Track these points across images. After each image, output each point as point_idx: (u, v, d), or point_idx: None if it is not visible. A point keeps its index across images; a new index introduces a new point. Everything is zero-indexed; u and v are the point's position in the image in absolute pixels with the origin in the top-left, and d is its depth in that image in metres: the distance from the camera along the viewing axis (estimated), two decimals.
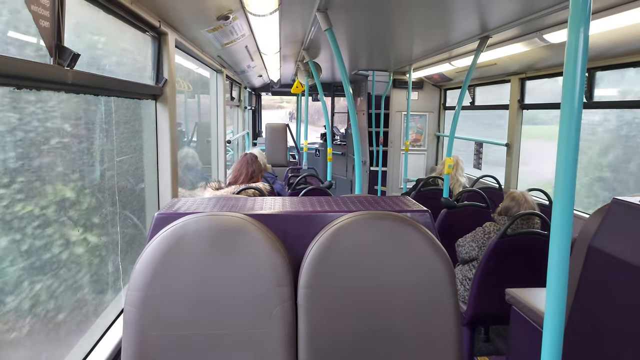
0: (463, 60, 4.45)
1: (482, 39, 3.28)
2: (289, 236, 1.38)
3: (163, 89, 2.29)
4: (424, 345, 1.28)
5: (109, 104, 1.89)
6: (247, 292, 1.22)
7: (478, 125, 5.84)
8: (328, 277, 1.26)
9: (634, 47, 2.82)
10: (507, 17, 2.74)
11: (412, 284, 1.28)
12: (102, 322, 1.80)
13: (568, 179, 0.92)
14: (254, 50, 3.94)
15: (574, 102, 0.90)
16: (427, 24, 3.15)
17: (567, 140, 0.91)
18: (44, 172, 1.44)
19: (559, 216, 0.93)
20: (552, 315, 0.96)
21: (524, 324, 2.00)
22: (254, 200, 1.56)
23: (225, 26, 2.56)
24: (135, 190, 2.26)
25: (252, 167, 3.25)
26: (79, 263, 1.65)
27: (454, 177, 4.51)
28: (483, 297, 2.71)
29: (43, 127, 1.42)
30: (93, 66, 1.71)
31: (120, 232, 2.02)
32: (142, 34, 2.10)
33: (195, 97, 5.07)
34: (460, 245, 3.00)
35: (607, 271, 1.52)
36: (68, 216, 1.59)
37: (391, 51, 4.63)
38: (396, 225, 1.30)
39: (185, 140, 4.69)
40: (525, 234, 2.67)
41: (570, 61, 0.90)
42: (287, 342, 1.24)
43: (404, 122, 6.42)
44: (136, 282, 1.20)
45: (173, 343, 1.20)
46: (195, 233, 1.23)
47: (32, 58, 1.15)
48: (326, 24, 2.51)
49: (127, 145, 2.14)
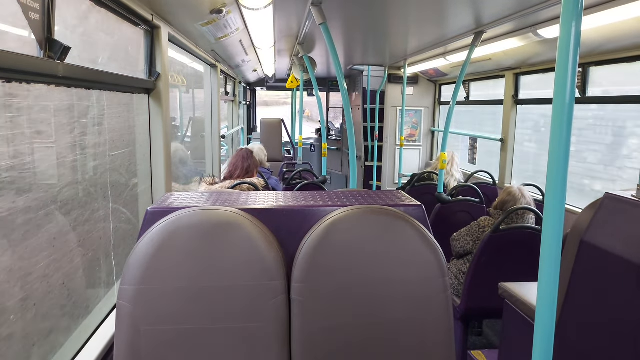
0: (458, 55, 4.45)
1: (477, 34, 3.28)
2: (283, 231, 1.38)
3: (156, 83, 2.28)
4: (417, 339, 1.29)
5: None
6: (241, 286, 1.22)
7: (473, 120, 5.86)
8: (321, 272, 1.26)
9: (628, 43, 2.83)
10: (502, 12, 2.74)
11: (405, 278, 1.28)
12: (95, 318, 1.79)
13: (560, 174, 0.92)
14: (249, 45, 3.92)
15: (566, 97, 0.90)
16: (422, 19, 3.15)
17: (559, 136, 0.91)
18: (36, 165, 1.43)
19: (550, 210, 0.93)
20: (543, 308, 0.97)
21: (517, 317, 2.01)
22: (248, 195, 1.56)
23: (219, 20, 2.55)
24: (128, 184, 2.25)
25: (248, 162, 3.24)
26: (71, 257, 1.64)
27: (449, 172, 4.52)
28: (476, 291, 2.72)
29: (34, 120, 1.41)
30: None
31: (112, 227, 2.02)
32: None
33: (190, 92, 5.05)
34: (455, 239, 3.01)
35: (598, 265, 1.53)
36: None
37: (386, 46, 4.62)
38: (389, 220, 1.30)
39: (179, 135, 4.67)
40: (519, 228, 2.68)
41: (563, 56, 0.90)
42: (281, 336, 1.24)
43: (399, 117, 6.42)
44: (129, 276, 1.20)
45: (166, 338, 1.20)
46: (188, 227, 1.22)
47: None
48: (321, 18, 2.50)
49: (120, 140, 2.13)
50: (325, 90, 9.20)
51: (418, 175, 4.57)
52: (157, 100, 2.29)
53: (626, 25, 2.57)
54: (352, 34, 3.92)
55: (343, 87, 2.78)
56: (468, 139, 5.59)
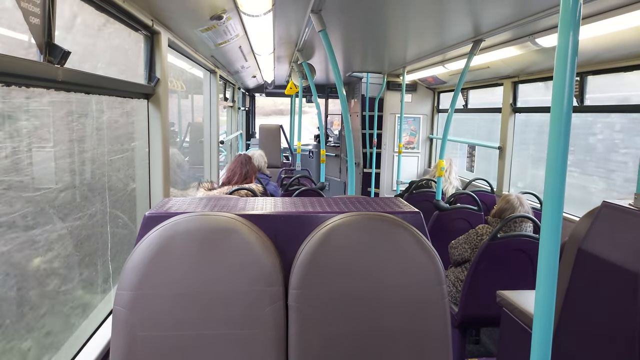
0: (456, 63, 4.47)
1: (475, 42, 3.30)
2: (281, 237, 1.37)
3: (155, 89, 2.28)
4: (414, 346, 1.28)
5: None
6: (238, 292, 1.22)
7: (471, 127, 5.88)
8: (319, 278, 1.26)
9: (626, 52, 2.85)
10: (500, 20, 2.76)
11: (403, 284, 1.27)
12: (91, 323, 1.78)
13: (557, 182, 0.92)
14: (248, 51, 3.94)
15: (563, 106, 0.91)
16: (421, 27, 3.16)
17: (556, 144, 0.92)
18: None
19: (548, 219, 0.93)
20: (541, 316, 0.96)
21: (514, 325, 2.01)
22: (246, 201, 1.55)
23: (219, 26, 2.56)
24: (126, 189, 2.25)
25: (246, 168, 3.24)
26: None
27: (447, 180, 4.53)
28: (474, 299, 2.71)
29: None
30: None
31: (110, 232, 2.01)
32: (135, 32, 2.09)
33: (189, 98, 5.05)
34: (453, 247, 3.01)
35: (596, 273, 1.53)
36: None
37: (385, 53, 4.64)
38: (387, 226, 1.30)
39: (178, 140, 4.67)
40: (517, 236, 2.68)
41: (560, 65, 0.90)
42: (278, 342, 1.24)
43: (397, 125, 6.44)
44: (126, 282, 1.19)
45: (163, 343, 1.20)
46: (186, 233, 1.22)
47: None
48: (320, 25, 2.51)
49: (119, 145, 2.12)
50: (324, 97, 9.23)
51: (416, 183, 4.57)
52: (156, 105, 2.29)
53: (623, 35, 2.59)
54: (351, 41, 3.94)
55: (342, 94, 2.79)
56: (466, 147, 5.61)
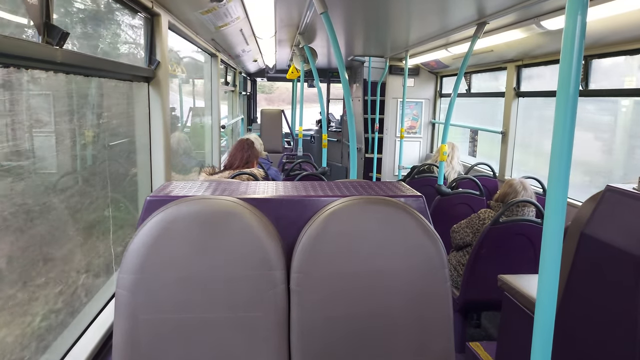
0: (460, 46, 4.41)
1: (479, 25, 3.25)
2: (282, 220, 1.37)
3: (156, 72, 2.26)
4: (416, 330, 1.29)
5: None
6: (239, 276, 1.22)
7: (473, 112, 5.84)
8: (321, 262, 1.26)
9: (631, 35, 2.81)
10: (505, 2, 2.71)
11: (405, 268, 1.27)
12: (94, 306, 1.79)
13: (562, 167, 0.91)
14: (249, 34, 3.89)
15: (570, 90, 0.89)
16: (424, 9, 3.11)
17: (562, 128, 0.91)
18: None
19: (553, 202, 0.93)
20: (544, 300, 0.96)
21: (516, 309, 2.02)
22: (247, 185, 1.55)
23: (219, 8, 2.52)
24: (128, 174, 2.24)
25: (248, 153, 3.23)
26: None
27: (449, 165, 4.51)
28: (475, 283, 2.72)
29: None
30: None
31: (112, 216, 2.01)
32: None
33: (190, 82, 5.02)
34: (455, 231, 3.01)
35: (599, 258, 1.53)
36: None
37: (387, 37, 4.59)
38: (389, 210, 1.29)
39: (179, 125, 4.66)
40: (519, 221, 2.68)
41: (567, 48, 0.89)
42: (279, 326, 1.24)
43: (399, 109, 6.40)
44: (128, 265, 1.19)
45: (165, 326, 1.20)
46: (187, 216, 1.22)
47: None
48: (322, 7, 2.47)
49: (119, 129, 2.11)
50: (326, 81, 9.15)
51: (418, 168, 4.56)
52: (156, 89, 2.28)
53: (629, 17, 2.55)
54: (353, 24, 3.89)
55: (344, 78, 2.76)
56: (469, 132, 5.58)
